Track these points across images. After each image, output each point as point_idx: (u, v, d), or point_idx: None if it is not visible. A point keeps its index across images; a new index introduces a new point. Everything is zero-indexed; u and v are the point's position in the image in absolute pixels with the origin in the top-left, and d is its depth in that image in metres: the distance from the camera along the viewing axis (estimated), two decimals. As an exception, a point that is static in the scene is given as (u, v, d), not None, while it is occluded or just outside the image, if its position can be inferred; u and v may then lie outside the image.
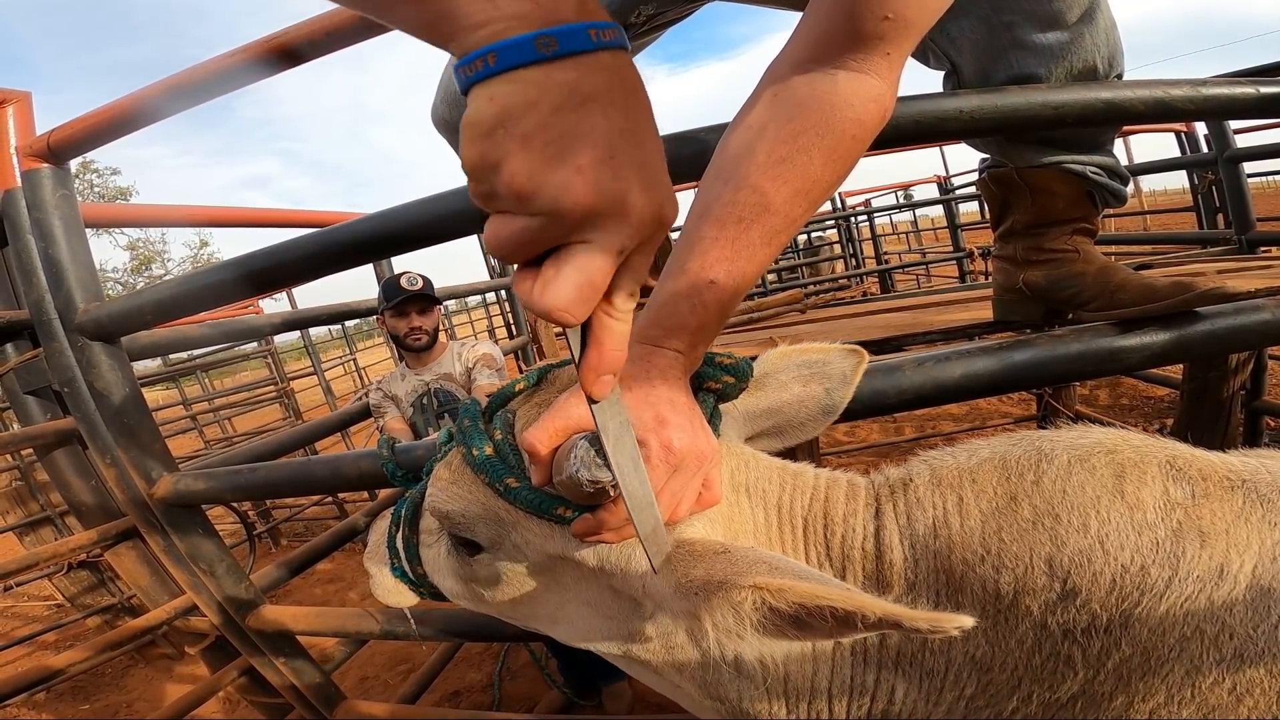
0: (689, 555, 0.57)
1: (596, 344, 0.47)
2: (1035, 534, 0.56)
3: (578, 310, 0.43)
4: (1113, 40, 1.14)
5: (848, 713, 0.66)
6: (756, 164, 0.70)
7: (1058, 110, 1.07)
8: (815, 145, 0.69)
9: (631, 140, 0.42)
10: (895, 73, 0.73)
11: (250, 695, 2.02)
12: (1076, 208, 1.27)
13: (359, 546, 5.47)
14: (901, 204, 9.89)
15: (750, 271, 0.70)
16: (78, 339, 1.49)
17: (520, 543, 0.69)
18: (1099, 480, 0.57)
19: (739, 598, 0.50)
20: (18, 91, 1.51)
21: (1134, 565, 0.53)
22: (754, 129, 0.72)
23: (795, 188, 0.69)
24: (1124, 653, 0.53)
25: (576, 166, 0.40)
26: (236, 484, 1.48)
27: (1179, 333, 1.08)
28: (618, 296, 0.46)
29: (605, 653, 0.73)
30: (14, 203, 1.46)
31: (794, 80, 0.72)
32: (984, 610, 0.58)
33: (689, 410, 0.63)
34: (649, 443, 0.58)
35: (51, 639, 4.49)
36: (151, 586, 2.03)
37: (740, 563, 0.52)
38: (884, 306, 2.44)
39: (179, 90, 1.34)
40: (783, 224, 0.70)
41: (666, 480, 0.59)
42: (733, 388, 0.71)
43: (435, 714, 1.73)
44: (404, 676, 3.56)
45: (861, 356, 0.78)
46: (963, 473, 0.63)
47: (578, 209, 0.40)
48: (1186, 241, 4.16)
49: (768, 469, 0.72)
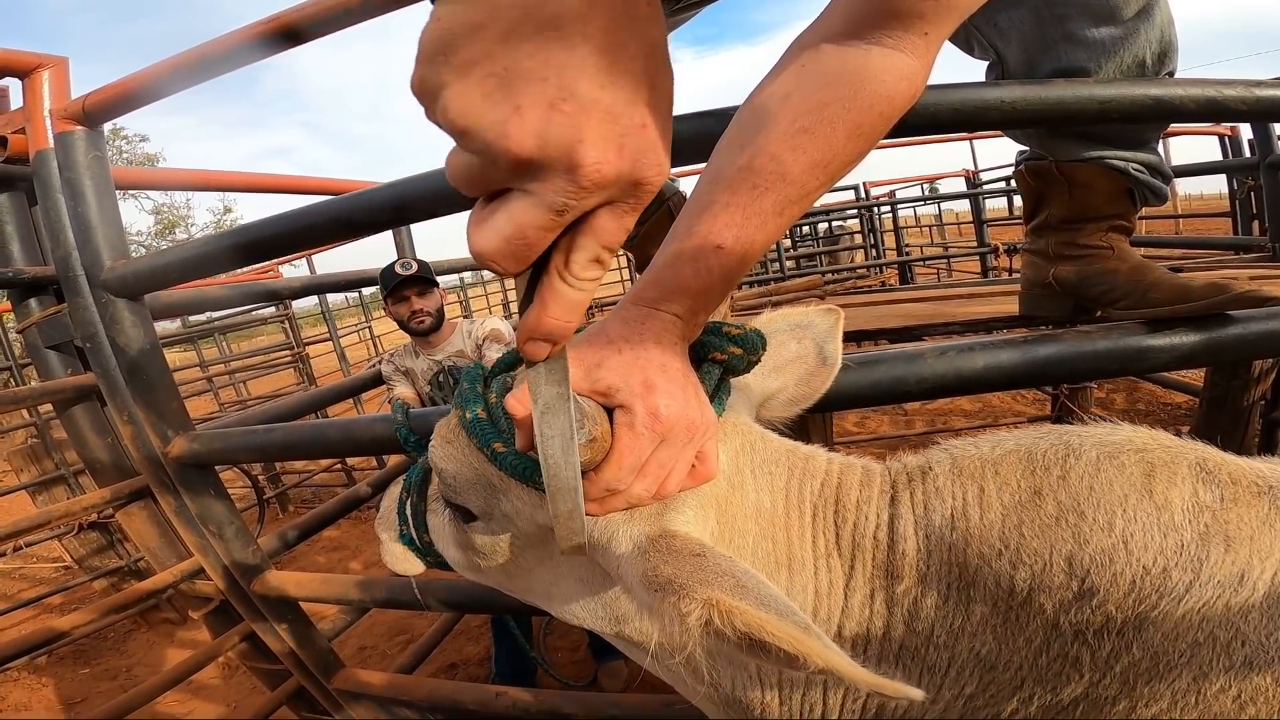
0: (665, 550, 0.55)
1: (540, 303, 0.42)
2: (1058, 530, 0.55)
3: (505, 262, 0.39)
4: (1167, 38, 1.11)
5: (842, 706, 0.65)
6: (777, 132, 0.66)
7: (1103, 105, 1.04)
8: (840, 118, 0.66)
9: (605, 81, 0.35)
10: (931, 54, 0.70)
11: (251, 661, 2.06)
12: (1114, 204, 1.24)
13: (364, 515, 5.55)
14: (926, 196, 9.75)
15: (759, 240, 0.66)
16: (102, 295, 1.51)
17: (510, 512, 0.68)
18: (1127, 478, 0.55)
19: (687, 609, 0.48)
20: (55, 57, 1.55)
21: (1156, 567, 0.52)
22: (777, 97, 0.69)
23: (815, 159, 0.66)
24: (1134, 656, 0.52)
25: (515, 106, 0.34)
26: (250, 444, 1.50)
27: (1210, 335, 1.05)
28: (575, 260, 0.41)
29: (600, 631, 0.72)
30: (45, 163, 1.49)
31: (824, 50, 0.68)
32: (994, 606, 0.56)
33: (682, 377, 0.60)
34: (634, 408, 0.55)
35: (57, 601, 4.56)
36: (160, 548, 2.06)
37: (708, 572, 0.51)
38: (904, 296, 2.41)
39: (207, 60, 1.35)
40: (797, 195, 0.66)
41: (653, 450, 0.56)
42: (740, 360, 0.68)
43: (430, 684, 1.73)
44: (402, 647, 3.60)
45: (838, 314, 0.81)
46: (985, 463, 0.61)
47: (509, 155, 0.35)
48: (1219, 246, 4.08)
49: (776, 451, 0.69)
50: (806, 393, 0.79)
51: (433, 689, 1.71)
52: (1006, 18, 1.15)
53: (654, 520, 0.60)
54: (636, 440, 0.55)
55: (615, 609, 0.68)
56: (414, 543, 0.82)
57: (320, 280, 3.04)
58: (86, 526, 4.05)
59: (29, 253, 2.00)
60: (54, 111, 1.49)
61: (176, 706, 3.37)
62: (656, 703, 1.46)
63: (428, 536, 0.81)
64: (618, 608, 0.68)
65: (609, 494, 0.56)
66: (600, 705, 1.52)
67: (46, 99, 1.50)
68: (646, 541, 0.57)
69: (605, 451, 0.54)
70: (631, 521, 0.60)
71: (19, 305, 2.03)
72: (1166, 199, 1.27)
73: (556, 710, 1.52)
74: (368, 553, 5.02)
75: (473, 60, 0.34)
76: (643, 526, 0.60)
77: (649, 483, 0.56)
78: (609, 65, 0.35)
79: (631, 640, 0.69)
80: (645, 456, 0.55)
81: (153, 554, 2.08)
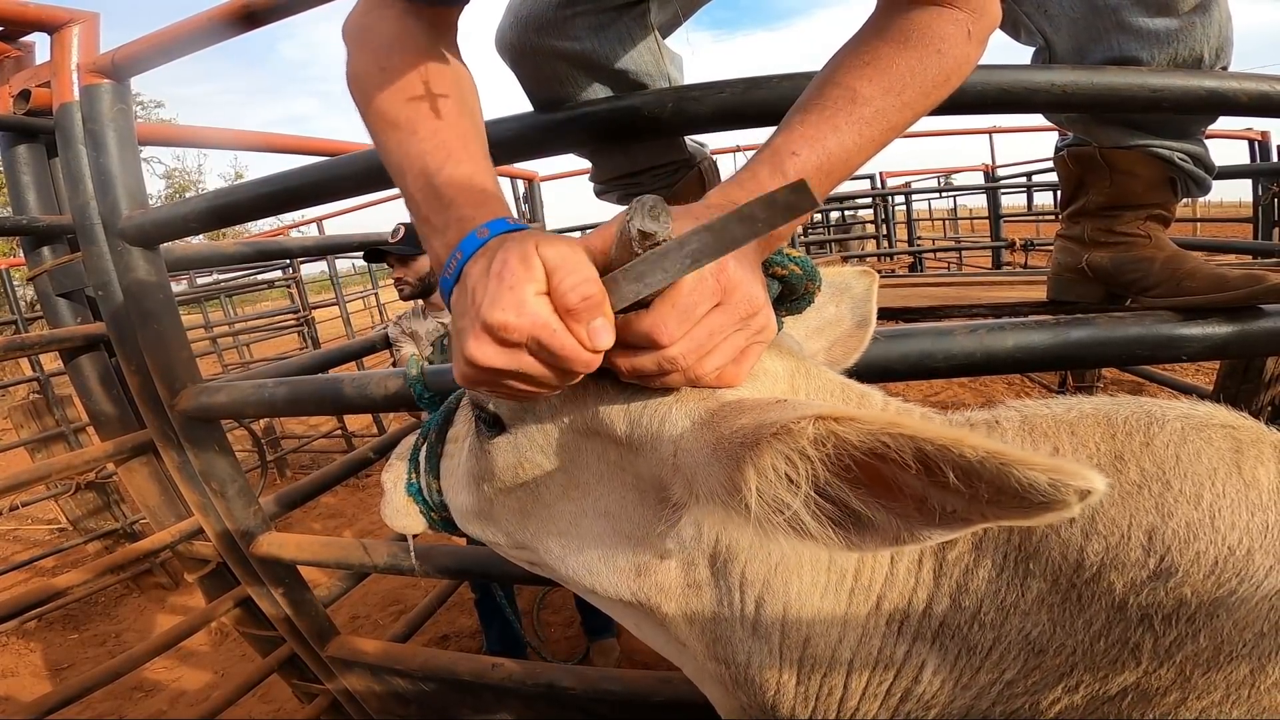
0: (738, 409, 0.50)
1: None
2: (1140, 499, 0.51)
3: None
4: (1225, 33, 1.10)
5: (864, 690, 0.60)
6: (844, 67, 0.72)
7: (1156, 94, 1.04)
8: (900, 55, 0.71)
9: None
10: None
11: (244, 627, 2.04)
12: (1155, 192, 1.23)
13: (362, 482, 5.55)
14: (942, 189, 9.65)
15: (834, 149, 0.69)
16: (118, 243, 1.50)
17: (546, 412, 0.65)
18: (1216, 451, 0.51)
19: (799, 428, 0.40)
20: (86, 13, 1.56)
21: (1241, 548, 0.48)
22: (847, 47, 0.75)
23: (882, 86, 0.70)
24: (1199, 644, 0.48)
25: None
26: (261, 399, 1.47)
27: (1243, 327, 1.04)
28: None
29: (614, 594, 0.66)
30: (68, 114, 1.50)
31: (881, 11, 0.75)
32: (1055, 582, 0.52)
33: (752, 265, 0.61)
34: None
35: (50, 564, 4.55)
36: (160, 507, 2.04)
37: (800, 406, 0.44)
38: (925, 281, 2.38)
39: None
40: (871, 114, 0.70)
41: (709, 310, 0.56)
42: (799, 279, 0.68)
43: (425, 654, 1.72)
44: (395, 617, 3.61)
45: (873, 276, 0.82)
46: (1060, 423, 0.56)
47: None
48: (1239, 251, 4.03)
49: (831, 380, 0.65)
50: (841, 355, 0.78)
51: (428, 658, 1.70)
52: (1058, 4, 1.14)
53: (710, 396, 0.57)
54: (699, 284, 0.55)
55: (639, 556, 0.63)
56: (420, 493, 0.81)
57: (332, 240, 3.01)
58: (84, 486, 4.03)
59: (45, 203, 2.00)
60: (81, 65, 1.50)
61: (164, 673, 3.38)
62: (653, 678, 1.44)
63: (438, 484, 0.78)
64: (642, 554, 0.63)
65: (651, 342, 0.55)
66: (597, 679, 1.50)
67: (75, 53, 1.51)
68: (708, 413, 0.53)
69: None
70: (683, 400, 0.57)
71: (31, 253, 2.03)
72: (1209, 190, 1.26)
73: (553, 683, 1.51)
74: (364, 520, 5.02)
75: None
76: (698, 402, 0.56)
77: (693, 345, 0.55)
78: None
79: (648, 602, 0.65)
80: (701, 310, 0.55)
81: (152, 512, 2.07)
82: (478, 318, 0.55)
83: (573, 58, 1.13)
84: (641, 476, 0.60)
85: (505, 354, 0.55)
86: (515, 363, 0.55)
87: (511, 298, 0.53)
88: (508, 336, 0.54)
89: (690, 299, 0.54)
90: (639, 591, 0.64)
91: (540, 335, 0.53)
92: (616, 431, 0.60)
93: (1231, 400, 2.72)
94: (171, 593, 4.22)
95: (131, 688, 3.26)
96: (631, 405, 0.59)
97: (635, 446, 0.59)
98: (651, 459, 0.58)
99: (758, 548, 0.59)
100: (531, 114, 1.22)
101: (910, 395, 3.08)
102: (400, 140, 0.76)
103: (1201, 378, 4.52)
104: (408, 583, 3.87)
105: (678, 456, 0.53)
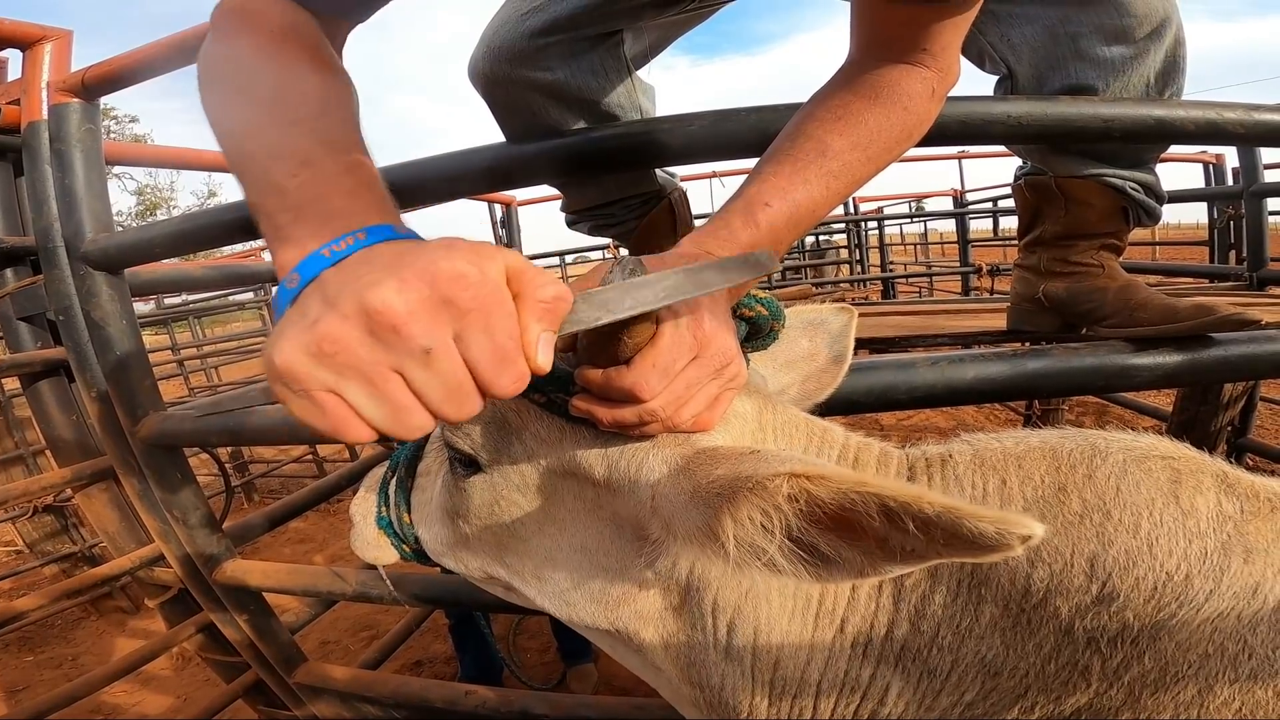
0: (713, 458, 0.52)
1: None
2: (1082, 528, 0.53)
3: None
4: (1177, 59, 1.14)
5: (833, 712, 0.62)
6: (815, 120, 0.77)
7: (1107, 124, 1.08)
8: (869, 110, 0.77)
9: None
10: (941, 63, 0.82)
11: (207, 653, 1.99)
12: (1108, 222, 1.27)
13: (332, 508, 5.45)
14: (914, 214, 9.84)
15: (803, 201, 0.74)
16: (81, 267, 1.48)
17: (522, 454, 0.65)
18: (1154, 482, 0.54)
19: (774, 485, 0.43)
20: (59, 30, 1.55)
21: (1179, 574, 0.51)
22: (817, 98, 0.81)
23: (853, 140, 0.76)
24: (1144, 666, 0.51)
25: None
26: (225, 427, 1.45)
27: (1193, 355, 1.08)
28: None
29: (592, 621, 0.68)
30: (36, 134, 1.49)
31: (852, 66, 0.82)
32: (1006, 607, 0.55)
33: (724, 314, 0.63)
34: (680, 314, 0.57)
35: (6, 587, 4.40)
36: (119, 533, 1.99)
37: (773, 459, 0.47)
38: (891, 309, 2.42)
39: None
40: (840, 168, 0.75)
41: (687, 364, 0.57)
42: (764, 320, 0.71)
43: (396, 681, 1.69)
44: (366, 643, 3.52)
45: (851, 313, 0.85)
46: (1008, 456, 0.59)
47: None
48: (1196, 275, 4.15)
49: (795, 417, 0.69)
50: (815, 389, 0.80)
51: (399, 685, 1.67)
52: (1020, 34, 1.17)
53: (685, 443, 0.59)
54: (678, 338, 0.57)
55: (615, 587, 0.64)
56: (391, 526, 0.80)
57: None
58: (42, 510, 3.91)
59: (10, 223, 1.98)
60: (52, 83, 1.48)
61: (124, 698, 3.25)
62: (628, 705, 1.43)
63: (409, 517, 0.78)
64: (619, 584, 0.64)
65: (631, 395, 0.55)
66: (572, 706, 1.48)
67: (46, 71, 1.50)
68: (684, 460, 0.55)
69: (649, 336, 0.56)
70: (660, 446, 0.59)
71: (-5, 275, 1.98)
72: (1159, 219, 1.30)
73: (527, 710, 1.49)
74: (335, 547, 4.92)
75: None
76: (675, 449, 0.58)
77: (671, 398, 0.56)
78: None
79: (625, 630, 0.66)
80: (679, 365, 0.57)
81: (111, 539, 2.01)
82: (404, 266, 0.42)
83: (545, 88, 1.15)
84: (619, 515, 0.62)
85: (429, 320, 0.41)
86: (431, 338, 0.41)
87: (472, 253, 0.43)
88: (459, 292, 0.41)
89: (669, 355, 0.56)
90: (616, 620, 0.66)
91: (492, 309, 0.43)
92: (594, 474, 0.62)
93: (1190, 422, 2.81)
94: (131, 616, 4.08)
95: (90, 710, 3.15)
96: (609, 450, 0.61)
97: (613, 488, 0.61)
98: (629, 500, 0.60)
99: (729, 577, 0.61)
100: (503, 145, 1.23)
101: (885, 419, 3.15)
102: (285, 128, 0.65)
103: (1163, 399, 4.63)
104: (380, 608, 3.78)
105: (655, 500, 0.56)
